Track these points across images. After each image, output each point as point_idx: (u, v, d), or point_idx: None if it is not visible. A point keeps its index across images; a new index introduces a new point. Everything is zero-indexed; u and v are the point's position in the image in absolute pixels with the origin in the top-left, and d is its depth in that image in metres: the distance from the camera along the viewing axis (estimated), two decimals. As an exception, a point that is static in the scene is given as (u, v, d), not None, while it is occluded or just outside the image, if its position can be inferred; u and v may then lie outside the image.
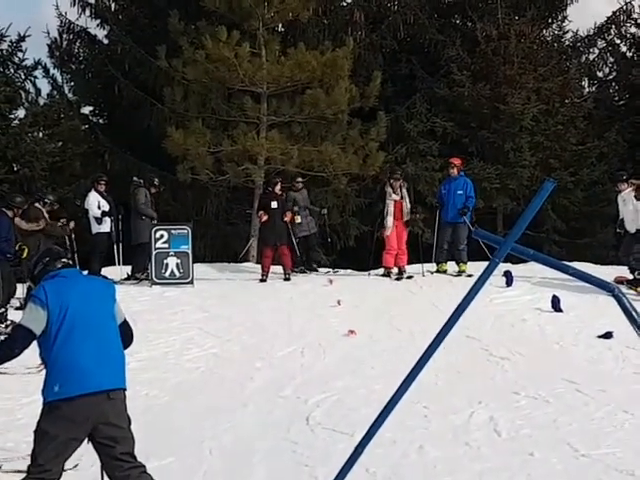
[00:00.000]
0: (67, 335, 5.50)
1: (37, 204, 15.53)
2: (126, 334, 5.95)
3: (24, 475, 5.61)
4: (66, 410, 5.44)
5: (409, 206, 16.79)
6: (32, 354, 5.79)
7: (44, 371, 5.71)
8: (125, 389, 5.77)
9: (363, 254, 18.98)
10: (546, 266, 2.78)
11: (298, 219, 17.47)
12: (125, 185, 18.00)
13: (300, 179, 18.51)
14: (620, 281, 15.13)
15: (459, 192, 16.75)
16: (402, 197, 16.68)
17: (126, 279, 16.31)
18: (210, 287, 15.76)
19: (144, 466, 5.71)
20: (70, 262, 6.07)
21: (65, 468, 5.68)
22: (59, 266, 5.83)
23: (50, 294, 5.55)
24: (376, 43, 24.26)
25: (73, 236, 16.69)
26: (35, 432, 5.56)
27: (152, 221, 16.57)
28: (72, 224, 16.52)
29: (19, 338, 5.58)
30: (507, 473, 6.96)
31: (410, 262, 16.82)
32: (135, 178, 17.57)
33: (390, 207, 16.44)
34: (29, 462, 5.59)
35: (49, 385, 5.52)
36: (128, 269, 16.68)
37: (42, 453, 5.46)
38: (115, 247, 16.98)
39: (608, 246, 22.62)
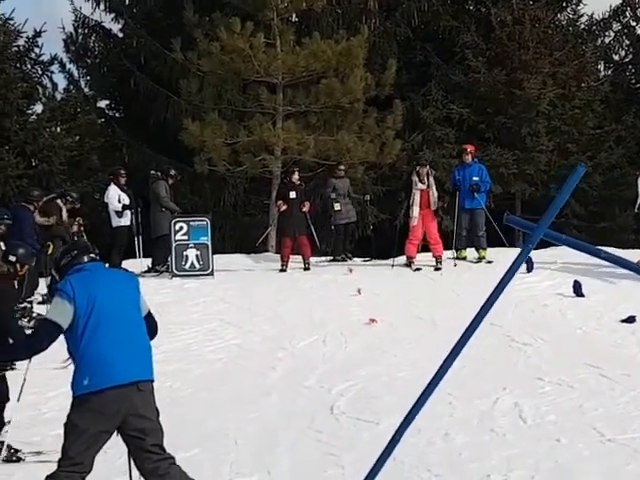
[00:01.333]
0: (95, 328, 5.52)
1: (59, 200, 15.58)
2: (151, 326, 5.98)
3: (52, 467, 5.63)
4: (96, 403, 5.46)
5: (436, 194, 16.19)
6: (60, 347, 5.80)
7: (71, 365, 5.74)
8: (153, 380, 5.78)
9: (381, 243, 18.93)
10: (578, 251, 2.76)
11: (337, 206, 17.46)
12: (143, 178, 18.03)
13: (342, 166, 18.41)
14: (640, 263, 15.06)
15: (475, 178, 16.67)
16: (429, 186, 16.13)
17: (146, 272, 16.34)
18: (230, 278, 15.78)
19: (173, 457, 5.73)
20: (97, 256, 6.08)
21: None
22: (86, 260, 5.83)
23: (77, 288, 5.56)
24: (390, 31, 24.17)
25: (83, 233, 16.77)
26: (65, 425, 5.58)
27: (174, 214, 16.56)
28: (80, 220, 16.57)
29: (46, 332, 5.60)
30: (533, 459, 6.95)
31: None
32: (152, 171, 17.61)
33: (416, 196, 15.93)
34: (58, 456, 5.62)
35: (78, 378, 5.54)
36: (148, 262, 16.72)
37: (72, 446, 5.48)
38: (135, 240, 17.02)
39: (628, 230, 22.51)
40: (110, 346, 5.53)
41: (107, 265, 15.98)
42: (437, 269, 15.86)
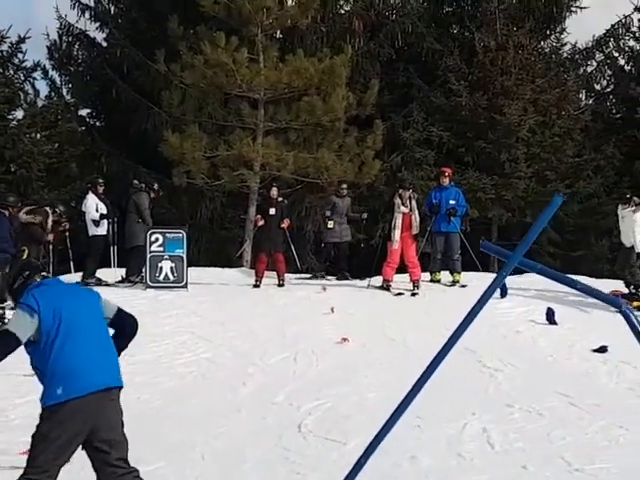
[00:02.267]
0: (64, 340, 5.52)
1: (48, 208, 15.71)
2: (127, 322, 5.95)
3: (20, 473, 5.57)
4: (67, 412, 5.43)
5: (419, 219, 15.97)
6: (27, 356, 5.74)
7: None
8: (122, 387, 5.75)
9: (357, 262, 18.96)
10: (553, 280, 2.75)
11: (330, 224, 17.48)
12: (122, 188, 17.98)
13: (344, 185, 18.41)
14: (615, 295, 15.15)
15: (451, 202, 16.73)
16: (411, 209, 15.90)
17: (120, 282, 16.27)
18: (204, 291, 15.72)
19: (137, 470, 5.69)
20: (48, 275, 6.08)
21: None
22: (38, 280, 5.83)
23: (41, 301, 5.56)
24: (374, 51, 24.29)
25: (68, 239, 16.74)
26: (33, 437, 5.54)
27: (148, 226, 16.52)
28: (66, 226, 16.52)
29: (3, 343, 5.54)
30: (500, 485, 6.93)
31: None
32: (135, 182, 17.55)
33: (398, 220, 15.66)
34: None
35: (50, 389, 5.51)
36: (123, 272, 16.64)
37: (41, 455, 5.45)
38: (111, 249, 16.94)
39: (603, 259, 22.67)
40: (79, 356, 5.53)
41: (81, 274, 16.04)
42: (413, 294, 15.62)
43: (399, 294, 15.48)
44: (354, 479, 2.66)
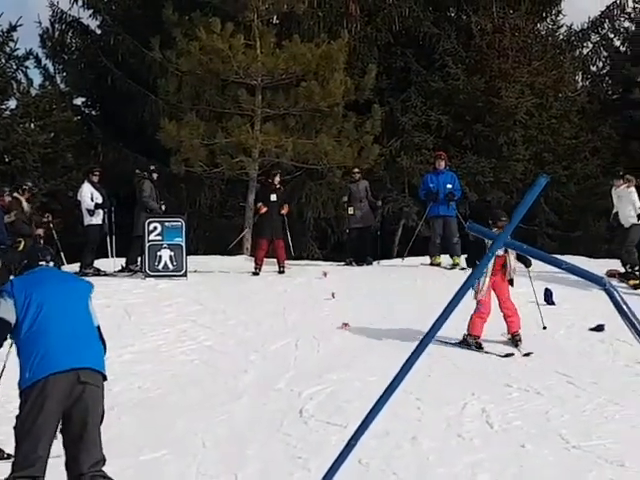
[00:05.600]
0: (33, 323, 5.67)
1: (16, 193, 15.59)
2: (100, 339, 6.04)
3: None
4: (36, 393, 5.57)
5: (513, 264, 11.73)
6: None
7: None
8: (100, 372, 5.82)
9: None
10: (539, 260, 2.80)
11: (351, 210, 17.48)
12: (118, 177, 17.96)
13: (356, 170, 18.39)
14: (612, 274, 15.20)
15: (448, 186, 16.77)
16: (507, 250, 11.30)
17: (120, 271, 16.30)
18: (204, 280, 15.75)
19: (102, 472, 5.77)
20: (48, 264, 6.19)
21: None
22: (35, 268, 6.06)
23: (16, 286, 5.79)
24: (371, 36, 24.25)
25: (54, 231, 16.71)
26: (14, 428, 5.70)
27: (151, 212, 16.43)
28: (49, 217, 16.46)
29: None
30: (499, 464, 7.00)
31: (401, 254, 16.49)
32: (138, 170, 17.54)
33: (490, 263, 10.47)
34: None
35: (22, 373, 5.69)
36: (122, 261, 16.66)
37: (22, 446, 5.58)
38: (108, 239, 16.95)
39: (601, 239, 22.70)
40: (50, 339, 5.66)
41: (79, 264, 16.06)
42: (526, 354, 11.03)
43: (508, 355, 11.08)
44: (345, 459, 2.71)
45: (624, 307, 2.61)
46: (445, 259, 16.80)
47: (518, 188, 23.08)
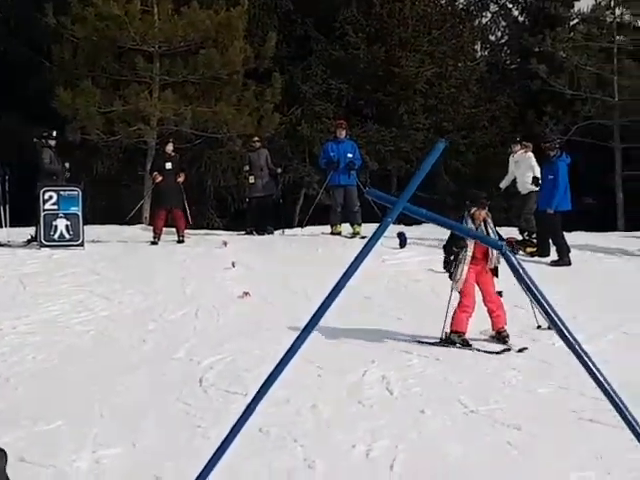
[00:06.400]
0: None
1: None
2: None
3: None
4: None
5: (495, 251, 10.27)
6: None
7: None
8: None
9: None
10: (440, 226, 2.76)
11: (252, 179, 17.32)
12: (12, 146, 17.48)
13: (256, 138, 18.14)
14: (510, 242, 15.46)
15: (349, 155, 16.81)
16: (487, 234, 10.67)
17: (29, 241, 15.83)
18: (101, 249, 15.49)
19: None
20: None
21: None
22: None
23: None
24: (271, 3, 24.12)
25: None
26: None
27: (56, 177, 15.98)
28: None
29: None
30: (399, 430, 7.04)
31: (301, 223, 16.54)
32: (35, 139, 17.05)
33: (468, 251, 10.29)
34: None
35: None
36: (14, 231, 16.20)
37: None
38: (2, 208, 16.49)
39: (499, 208, 23.05)
40: None
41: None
42: (521, 350, 9.91)
43: (505, 350, 9.94)
44: (244, 424, 2.64)
45: (520, 270, 2.59)
46: (346, 228, 16.86)
47: (418, 157, 23.29)
